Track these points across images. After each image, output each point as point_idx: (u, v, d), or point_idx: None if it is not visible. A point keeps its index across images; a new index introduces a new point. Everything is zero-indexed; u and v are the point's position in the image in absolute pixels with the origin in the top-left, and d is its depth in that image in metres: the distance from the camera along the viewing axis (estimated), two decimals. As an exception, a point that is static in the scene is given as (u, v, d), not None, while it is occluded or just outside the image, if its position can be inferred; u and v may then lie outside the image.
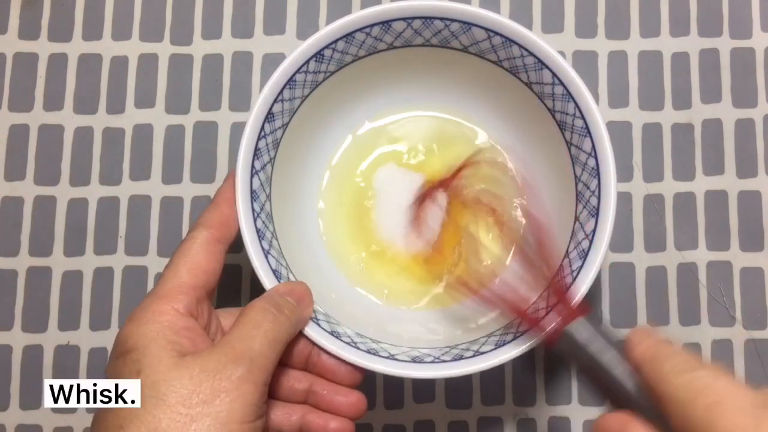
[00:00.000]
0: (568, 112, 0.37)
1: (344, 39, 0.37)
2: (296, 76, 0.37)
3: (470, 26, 0.37)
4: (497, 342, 0.36)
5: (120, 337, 0.31)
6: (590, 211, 0.36)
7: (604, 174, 0.36)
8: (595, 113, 0.36)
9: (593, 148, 0.36)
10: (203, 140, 0.45)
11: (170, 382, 0.29)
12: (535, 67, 0.37)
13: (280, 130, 0.38)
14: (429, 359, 0.36)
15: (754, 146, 0.45)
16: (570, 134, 0.38)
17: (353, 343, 0.36)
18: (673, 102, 0.46)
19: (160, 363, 0.29)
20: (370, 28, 0.37)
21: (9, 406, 0.43)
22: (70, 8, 0.47)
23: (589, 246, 0.36)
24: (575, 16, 0.47)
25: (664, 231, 0.45)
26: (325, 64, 0.38)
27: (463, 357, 0.36)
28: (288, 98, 0.37)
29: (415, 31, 0.38)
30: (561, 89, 0.37)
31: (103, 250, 0.45)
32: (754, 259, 0.44)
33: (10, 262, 0.44)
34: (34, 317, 0.44)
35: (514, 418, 0.43)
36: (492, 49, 0.38)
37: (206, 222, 0.35)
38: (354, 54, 0.39)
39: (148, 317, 0.31)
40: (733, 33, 0.46)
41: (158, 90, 0.46)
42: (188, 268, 0.33)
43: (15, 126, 0.46)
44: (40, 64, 0.46)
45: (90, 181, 0.45)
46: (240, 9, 0.47)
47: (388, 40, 0.39)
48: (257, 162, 0.37)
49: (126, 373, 0.30)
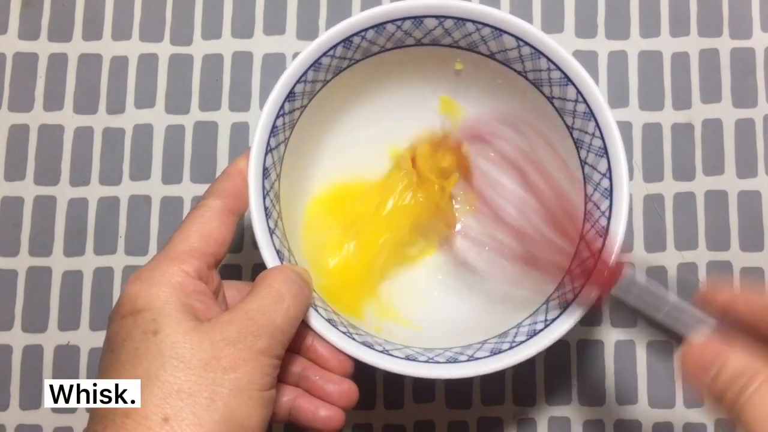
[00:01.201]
0: (584, 128, 0.38)
1: (375, 29, 0.38)
2: (322, 59, 0.37)
3: (501, 33, 0.38)
4: (492, 350, 0.36)
5: (127, 296, 0.30)
6: (602, 193, 0.36)
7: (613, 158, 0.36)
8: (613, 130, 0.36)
9: (604, 145, 0.37)
10: (203, 140, 0.45)
11: (192, 345, 0.29)
12: (560, 83, 0.37)
13: (298, 111, 0.38)
14: (423, 358, 0.36)
15: (754, 146, 0.45)
16: (572, 119, 0.38)
17: (348, 333, 0.36)
18: (673, 102, 0.46)
19: (180, 325, 0.29)
20: (402, 21, 0.38)
21: (9, 406, 0.43)
22: (70, 8, 0.47)
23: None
24: (575, 16, 0.47)
25: (664, 231, 0.45)
26: (351, 51, 0.38)
27: (458, 360, 0.36)
28: (311, 80, 0.38)
29: (446, 31, 0.38)
30: (583, 107, 0.37)
31: (103, 250, 0.45)
32: (754, 259, 0.44)
33: (10, 262, 0.44)
34: (34, 317, 0.44)
35: (514, 418, 0.43)
36: (519, 59, 0.38)
37: (220, 191, 0.35)
38: (381, 45, 0.39)
39: (158, 278, 0.30)
40: (733, 33, 0.46)
41: (158, 90, 0.46)
42: (200, 234, 0.33)
43: (15, 126, 0.46)
44: (40, 64, 0.46)
45: (90, 181, 0.45)
46: (240, 9, 0.47)
47: (417, 35, 0.39)
48: (273, 139, 0.37)
49: (139, 333, 0.29)
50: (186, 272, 0.31)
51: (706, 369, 0.27)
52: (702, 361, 0.28)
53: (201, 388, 0.28)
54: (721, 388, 0.27)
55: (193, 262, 0.32)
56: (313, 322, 0.35)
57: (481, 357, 0.35)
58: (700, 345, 0.28)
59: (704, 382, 0.27)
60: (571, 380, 0.43)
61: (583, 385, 0.43)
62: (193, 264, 0.31)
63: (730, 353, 0.27)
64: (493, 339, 0.37)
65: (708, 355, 0.28)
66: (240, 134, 0.46)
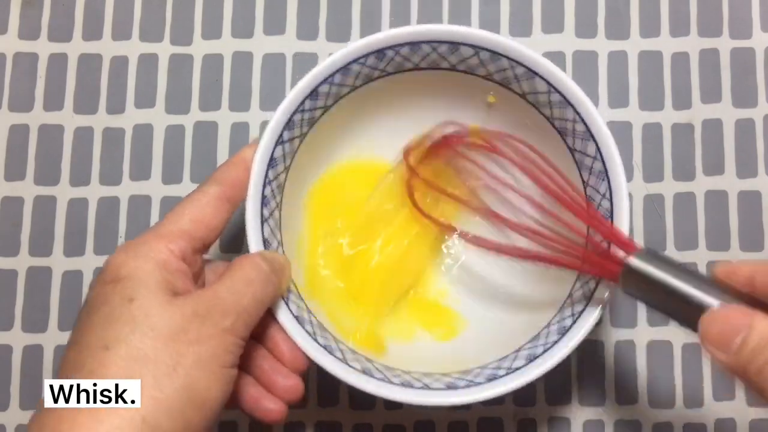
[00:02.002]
0: (567, 117, 0.38)
1: (410, 46, 0.38)
2: (352, 65, 0.37)
3: (534, 75, 0.38)
4: (528, 356, 0.36)
5: (112, 264, 0.31)
6: (603, 214, 0.36)
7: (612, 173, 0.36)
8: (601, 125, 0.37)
9: (598, 150, 0.37)
10: (203, 140, 0.45)
11: (163, 316, 0.30)
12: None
13: (319, 110, 0.38)
14: (436, 385, 0.36)
15: (754, 146, 0.45)
16: (572, 140, 0.38)
17: (313, 335, 0.36)
18: (673, 102, 0.46)
19: (156, 297, 0.30)
20: (438, 44, 0.38)
21: (9, 406, 0.43)
22: (70, 8, 0.47)
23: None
24: (575, 16, 0.47)
25: (664, 231, 0.45)
26: (384, 63, 0.38)
27: (497, 377, 0.35)
28: (337, 83, 0.38)
29: (481, 62, 0.39)
30: (576, 117, 0.38)
31: (103, 250, 0.45)
32: (754, 259, 0.44)
33: (10, 262, 0.44)
34: (34, 317, 0.44)
35: (514, 418, 0.43)
36: (516, 79, 0.39)
37: (220, 178, 0.35)
38: (415, 63, 0.39)
39: (144, 252, 0.32)
40: (733, 33, 0.46)
41: (158, 90, 0.46)
42: (191, 217, 0.34)
43: (15, 126, 0.46)
44: (40, 64, 0.46)
45: (90, 181, 0.45)
46: (240, 9, 0.47)
47: (452, 61, 0.39)
48: (287, 132, 0.37)
49: (117, 299, 0.30)
50: (171, 251, 0.32)
51: (731, 337, 0.26)
52: (726, 330, 0.26)
53: (165, 356, 0.29)
54: (748, 356, 0.25)
55: (180, 242, 0.33)
56: (280, 316, 0.35)
57: (520, 366, 0.35)
58: (723, 313, 0.27)
59: (729, 351, 0.26)
60: (570, 380, 0.43)
61: (583, 385, 0.43)
62: (179, 244, 0.32)
63: (757, 319, 0.26)
64: (528, 345, 0.37)
65: (733, 321, 0.26)
66: (240, 134, 0.45)
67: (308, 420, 0.43)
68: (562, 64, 0.46)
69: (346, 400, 0.43)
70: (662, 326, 0.44)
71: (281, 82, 0.46)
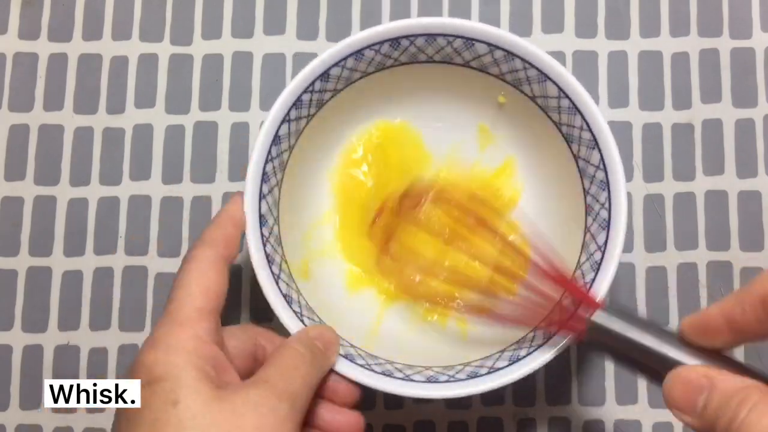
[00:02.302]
0: (575, 124, 0.38)
1: (425, 37, 0.38)
2: (303, 96, 0.37)
3: (546, 78, 0.38)
4: (510, 357, 0.36)
5: (143, 364, 0.29)
6: (600, 223, 0.37)
7: (614, 185, 0.36)
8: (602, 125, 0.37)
9: (601, 160, 0.37)
10: (203, 140, 0.45)
11: (213, 414, 0.28)
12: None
13: (286, 153, 0.38)
14: (437, 377, 0.36)
15: (754, 146, 0.45)
16: (578, 147, 0.38)
17: (368, 365, 0.36)
18: (673, 102, 0.46)
19: (199, 395, 0.28)
20: (454, 38, 0.38)
21: (9, 406, 0.43)
22: (70, 8, 0.47)
23: (602, 256, 0.36)
24: (575, 16, 0.47)
25: (664, 231, 0.45)
26: (398, 52, 0.38)
27: (478, 375, 0.35)
28: (294, 118, 0.38)
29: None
30: (581, 121, 0.38)
31: (103, 250, 0.45)
32: (754, 259, 0.44)
33: (10, 262, 0.44)
34: (34, 317, 0.44)
35: (514, 418, 0.43)
36: (527, 80, 0.39)
37: (210, 240, 0.34)
38: (429, 55, 0.39)
39: (174, 345, 0.30)
40: (733, 33, 0.46)
41: (158, 90, 0.46)
42: (202, 289, 0.32)
43: (15, 126, 0.46)
44: (40, 64, 0.46)
45: (90, 181, 0.45)
46: (240, 9, 0.47)
47: (467, 57, 0.39)
48: (265, 186, 0.37)
49: (159, 403, 0.28)
50: (199, 337, 0.30)
51: (694, 399, 0.26)
52: (688, 392, 0.26)
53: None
54: (712, 416, 0.25)
55: (203, 324, 0.31)
56: (337, 366, 0.35)
57: (502, 367, 0.35)
58: (684, 375, 0.27)
59: (694, 413, 0.26)
60: (571, 380, 0.43)
61: (583, 385, 0.43)
62: (203, 327, 0.31)
63: (717, 378, 0.26)
64: (512, 346, 0.37)
65: (694, 383, 0.26)
66: (240, 134, 0.46)
67: (308, 420, 0.43)
68: (562, 64, 0.46)
69: (346, 400, 0.43)
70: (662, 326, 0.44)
71: (281, 82, 0.46)
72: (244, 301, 0.44)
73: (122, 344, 0.44)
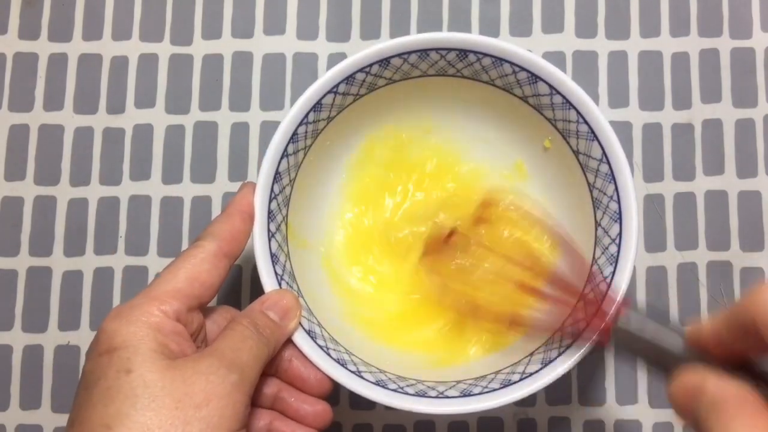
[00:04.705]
0: (575, 129, 0.38)
1: (457, 53, 0.38)
2: (324, 98, 0.37)
3: (528, 73, 0.38)
4: (542, 360, 0.36)
5: (104, 333, 0.30)
6: (612, 216, 0.37)
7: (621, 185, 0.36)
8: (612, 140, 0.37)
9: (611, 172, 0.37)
10: (203, 140, 0.45)
11: (163, 384, 0.29)
12: (563, 108, 0.38)
13: (301, 152, 0.38)
14: (432, 393, 0.36)
15: (754, 146, 0.45)
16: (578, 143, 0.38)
17: (325, 348, 0.36)
18: (673, 102, 0.46)
19: (153, 364, 0.29)
20: (482, 56, 0.38)
21: (9, 406, 0.43)
22: (70, 8, 0.47)
23: (618, 250, 0.36)
24: (575, 16, 0.47)
25: (664, 231, 0.45)
26: (425, 64, 0.38)
27: (512, 382, 0.35)
28: (312, 120, 0.38)
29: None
30: (580, 122, 0.38)
31: (103, 250, 0.45)
32: (754, 259, 0.44)
33: (10, 262, 0.44)
34: (34, 317, 0.44)
35: (514, 418, 0.43)
36: (540, 98, 0.39)
37: (217, 233, 0.35)
38: (458, 69, 0.39)
39: (136, 316, 0.31)
40: (733, 33, 0.46)
41: (158, 90, 0.46)
42: (187, 276, 0.33)
43: (15, 126, 0.46)
44: (40, 64, 0.46)
45: (90, 181, 0.45)
46: (240, 9, 0.47)
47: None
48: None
49: (113, 371, 0.29)
50: (164, 312, 0.31)
51: (690, 401, 0.27)
52: (686, 394, 0.27)
53: (171, 428, 0.28)
54: (702, 417, 0.26)
55: (174, 303, 0.32)
56: (296, 338, 0.35)
57: (495, 389, 0.35)
58: (685, 377, 0.28)
59: (690, 415, 0.27)
60: (571, 380, 0.43)
61: (583, 385, 0.43)
62: (173, 305, 0.32)
63: (708, 380, 0.27)
64: (506, 369, 0.37)
65: (688, 385, 0.27)
66: (240, 134, 0.46)
67: (308, 420, 0.43)
68: (563, 64, 0.46)
69: (346, 400, 0.43)
70: (662, 326, 0.44)
71: (281, 82, 0.46)
72: (244, 302, 0.44)
73: (122, 344, 0.44)
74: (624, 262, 0.36)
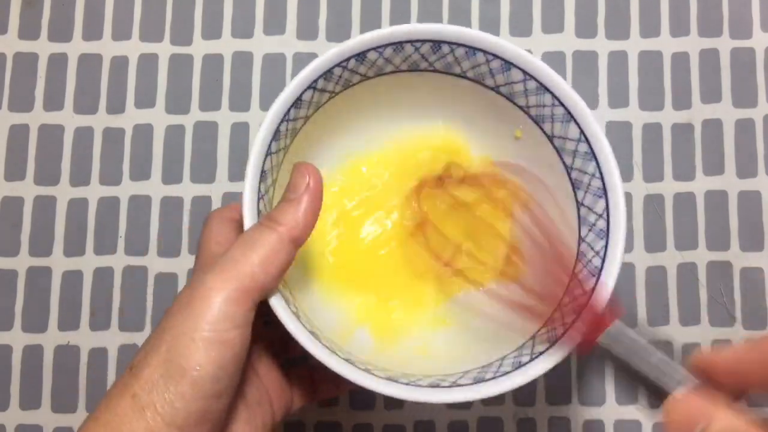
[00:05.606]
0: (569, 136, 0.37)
1: (430, 43, 0.37)
2: (304, 94, 0.36)
3: (510, 66, 0.37)
4: (475, 378, 0.35)
5: None
6: (595, 193, 0.36)
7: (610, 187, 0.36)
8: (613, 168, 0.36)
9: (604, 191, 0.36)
10: (203, 140, 0.45)
11: None
12: (563, 119, 0.37)
13: (282, 152, 0.38)
14: (404, 381, 0.35)
15: (754, 146, 0.45)
16: (576, 166, 0.37)
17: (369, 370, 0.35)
18: (673, 102, 0.46)
19: None
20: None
21: (9, 406, 0.43)
22: (70, 8, 0.47)
23: (607, 223, 0.35)
24: (575, 16, 0.47)
25: (664, 231, 0.45)
26: (332, 83, 0.38)
27: (440, 386, 0.34)
28: (293, 118, 0.37)
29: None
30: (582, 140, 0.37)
31: (103, 250, 0.45)
32: (754, 259, 0.44)
33: (10, 262, 0.44)
34: (34, 317, 0.44)
35: (514, 418, 0.43)
36: (524, 93, 0.38)
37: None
38: (363, 73, 0.38)
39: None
40: (733, 33, 0.46)
41: (158, 90, 0.46)
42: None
43: (15, 126, 0.46)
44: (40, 64, 0.46)
45: (90, 181, 0.45)
46: (240, 9, 0.47)
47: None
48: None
49: None
50: None
51: (692, 425, 0.27)
52: (688, 417, 0.27)
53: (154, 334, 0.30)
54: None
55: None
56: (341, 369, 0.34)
57: (465, 384, 0.34)
58: (685, 400, 0.28)
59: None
60: (571, 380, 0.43)
61: (583, 385, 0.43)
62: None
63: (716, 412, 0.26)
64: (476, 369, 0.36)
65: (693, 410, 0.27)
66: (240, 134, 0.46)
67: (308, 420, 0.43)
68: (562, 64, 0.46)
69: (346, 400, 0.43)
70: (662, 326, 0.44)
71: (281, 82, 0.46)
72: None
73: (122, 344, 0.44)
74: (615, 233, 0.34)
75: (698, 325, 0.44)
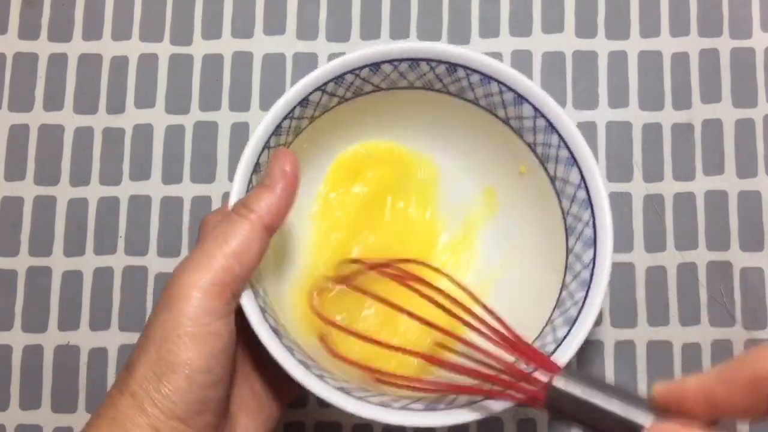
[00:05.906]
0: (569, 180, 0.37)
1: (334, 81, 0.36)
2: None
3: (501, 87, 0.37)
4: (426, 405, 0.34)
5: None
6: (585, 242, 0.36)
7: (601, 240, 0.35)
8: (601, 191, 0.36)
9: (591, 210, 0.36)
10: (203, 140, 0.45)
11: None
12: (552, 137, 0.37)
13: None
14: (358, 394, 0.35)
15: (754, 146, 0.45)
16: (569, 204, 0.37)
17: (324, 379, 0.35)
18: (673, 102, 0.46)
19: None
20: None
21: (9, 406, 0.43)
22: (70, 8, 0.47)
23: (577, 314, 0.34)
24: (575, 16, 0.47)
25: (664, 231, 0.45)
26: (310, 109, 0.37)
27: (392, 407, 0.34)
28: (294, 121, 0.37)
29: (437, 76, 0.38)
30: (559, 143, 0.37)
31: (103, 250, 0.45)
32: (754, 259, 0.44)
33: (10, 262, 0.44)
34: (34, 317, 0.44)
35: (514, 418, 0.43)
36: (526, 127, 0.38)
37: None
38: (341, 96, 0.38)
39: None
40: (733, 33, 0.46)
41: (158, 90, 0.46)
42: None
43: (15, 126, 0.46)
44: (40, 64, 0.46)
45: (90, 181, 0.45)
46: (240, 9, 0.47)
47: (411, 78, 0.38)
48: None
49: None
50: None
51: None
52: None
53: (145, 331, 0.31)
54: None
55: None
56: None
57: (415, 409, 0.34)
58: (661, 429, 0.26)
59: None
60: (571, 380, 0.43)
61: None
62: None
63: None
64: (431, 397, 0.35)
65: None
66: (240, 134, 0.46)
67: (308, 420, 0.43)
68: (562, 64, 0.46)
69: (346, 400, 0.43)
70: (662, 326, 0.44)
71: (281, 82, 0.46)
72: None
73: (122, 344, 0.44)
74: (596, 287, 0.34)
75: (698, 326, 0.44)
